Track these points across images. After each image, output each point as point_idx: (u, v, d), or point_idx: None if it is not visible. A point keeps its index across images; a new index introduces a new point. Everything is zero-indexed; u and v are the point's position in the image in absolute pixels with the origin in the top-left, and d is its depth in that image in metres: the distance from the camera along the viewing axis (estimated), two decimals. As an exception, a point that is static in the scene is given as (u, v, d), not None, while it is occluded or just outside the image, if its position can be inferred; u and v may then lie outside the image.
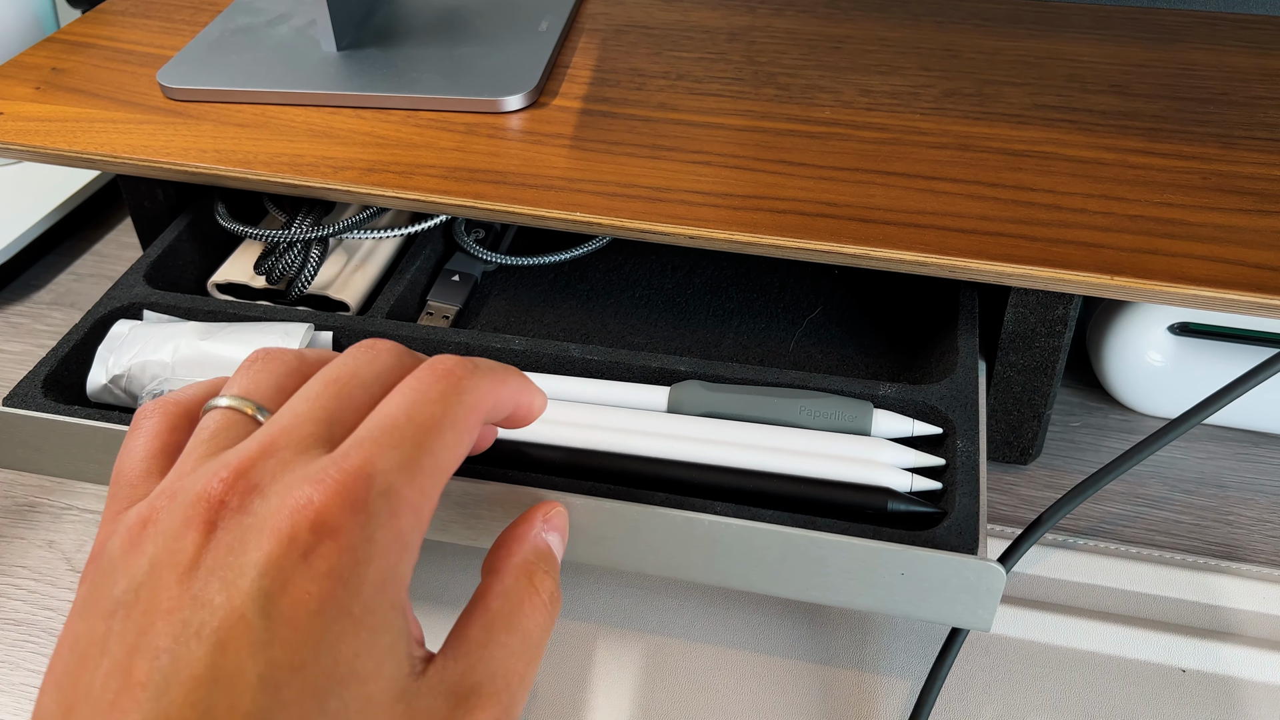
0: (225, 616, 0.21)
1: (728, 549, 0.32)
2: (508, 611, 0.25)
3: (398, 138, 0.43)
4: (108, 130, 0.44)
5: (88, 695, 0.21)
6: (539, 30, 0.50)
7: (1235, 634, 0.37)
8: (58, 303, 0.54)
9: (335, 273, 0.45)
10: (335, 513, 0.22)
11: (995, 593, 0.31)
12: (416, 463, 0.23)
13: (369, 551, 0.22)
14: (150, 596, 0.22)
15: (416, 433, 0.24)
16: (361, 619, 0.22)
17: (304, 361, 0.27)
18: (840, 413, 0.35)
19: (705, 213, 0.39)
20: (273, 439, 0.24)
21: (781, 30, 0.52)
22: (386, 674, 0.22)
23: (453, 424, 0.25)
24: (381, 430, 0.24)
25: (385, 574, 0.22)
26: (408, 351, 0.27)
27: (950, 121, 0.44)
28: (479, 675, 0.24)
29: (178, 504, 0.23)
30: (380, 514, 0.22)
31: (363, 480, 0.22)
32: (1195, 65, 0.48)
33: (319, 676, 0.21)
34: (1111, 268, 0.36)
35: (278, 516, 0.22)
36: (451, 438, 0.25)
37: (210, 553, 0.22)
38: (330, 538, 0.22)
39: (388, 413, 0.24)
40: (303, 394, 0.25)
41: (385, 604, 0.22)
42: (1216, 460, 0.44)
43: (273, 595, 0.21)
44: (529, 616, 0.25)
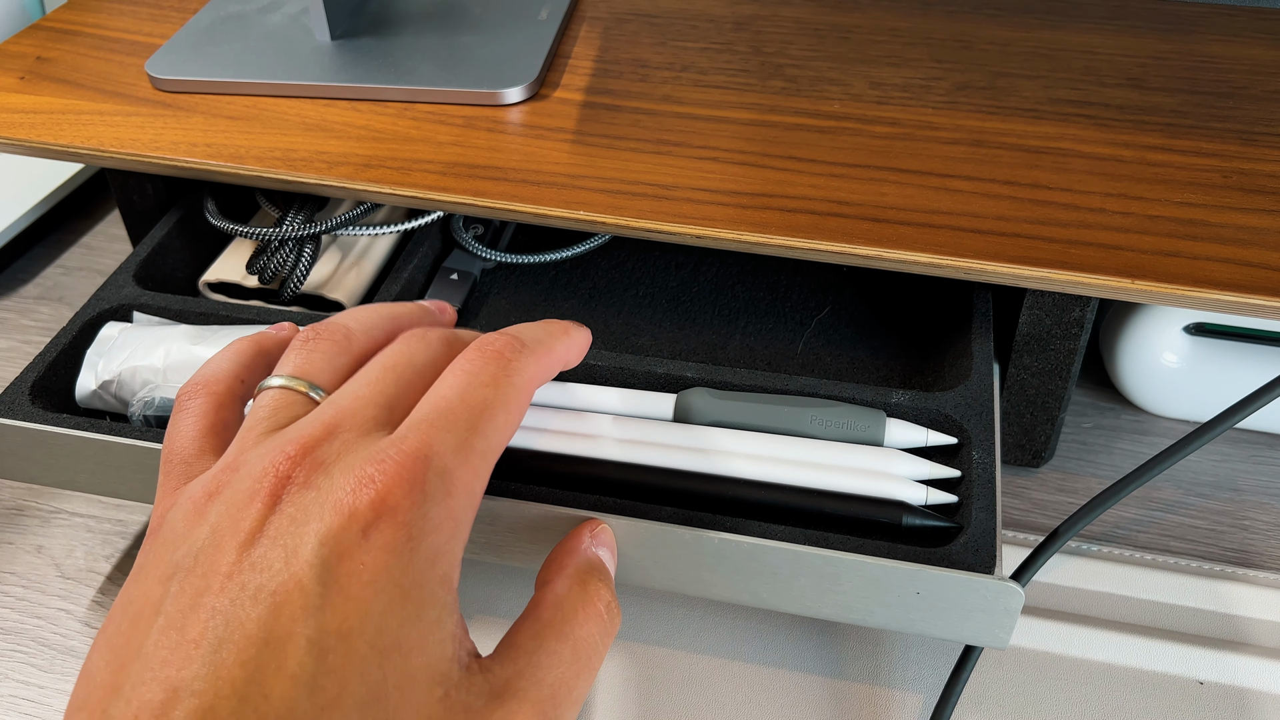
0: (284, 581, 0.22)
1: (738, 566, 0.31)
2: (560, 620, 0.25)
3: (394, 131, 0.42)
4: (94, 123, 0.43)
5: (139, 653, 0.22)
6: (539, 19, 0.49)
7: (1253, 644, 0.37)
8: (45, 297, 0.53)
9: (330, 271, 0.43)
10: (395, 491, 0.23)
11: (1013, 612, 0.30)
12: (470, 445, 0.25)
13: (424, 528, 0.23)
14: (210, 561, 0.22)
15: (470, 415, 0.25)
16: (410, 591, 0.22)
17: (351, 339, 0.28)
18: (853, 422, 0.34)
19: (713, 211, 0.38)
20: (337, 420, 0.25)
21: (788, 19, 0.50)
22: (430, 650, 0.22)
23: (504, 406, 0.26)
24: (437, 413, 0.25)
25: (437, 550, 0.23)
26: (456, 335, 0.29)
27: (963, 116, 0.43)
28: (525, 681, 0.24)
29: (242, 476, 0.24)
30: (436, 493, 0.23)
31: (421, 461, 0.23)
32: (1214, 57, 0.47)
33: (364, 645, 0.21)
34: (1132, 271, 0.35)
35: (341, 492, 0.23)
36: (503, 419, 0.26)
37: (273, 523, 0.23)
38: (389, 515, 0.23)
39: (443, 394, 0.26)
40: (363, 378, 0.27)
41: (435, 579, 0.23)
42: (1231, 463, 0.43)
43: (330, 564, 0.22)
44: (582, 625, 0.25)
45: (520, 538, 0.32)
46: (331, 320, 0.29)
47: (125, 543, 0.41)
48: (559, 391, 0.36)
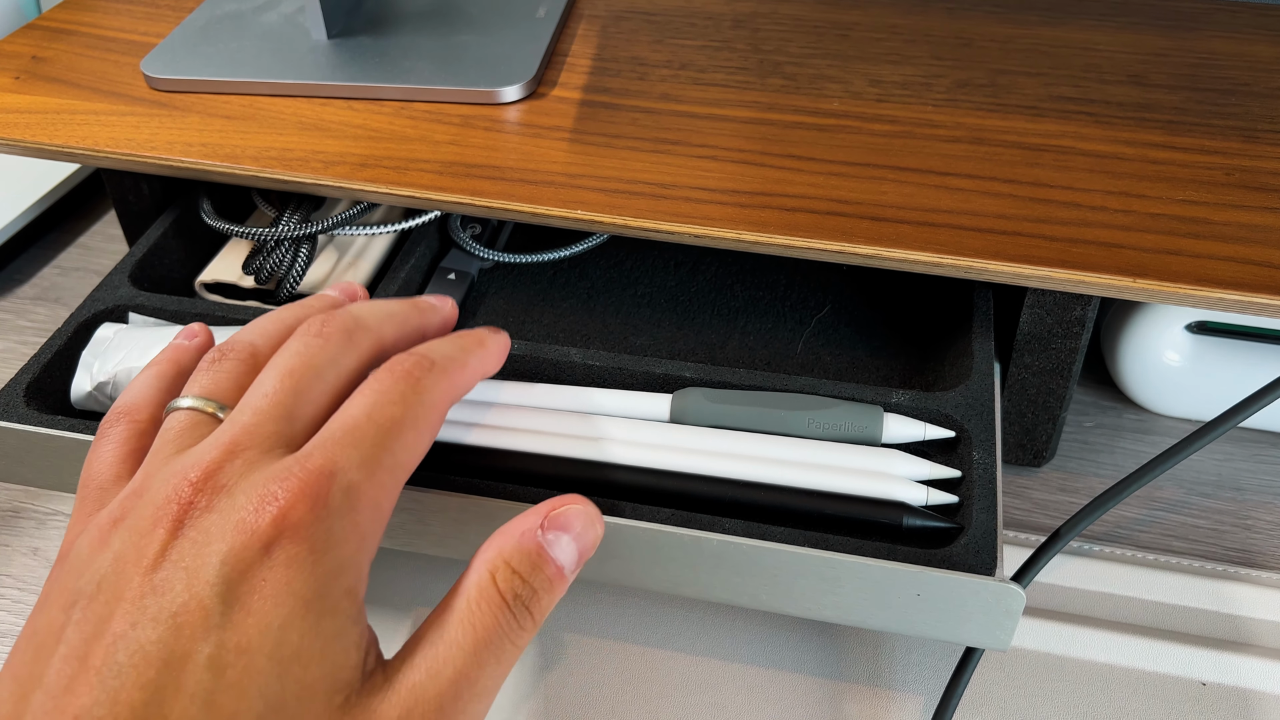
0: (185, 602, 0.22)
1: (736, 568, 0.31)
2: (464, 609, 0.25)
3: (391, 130, 0.42)
4: (90, 123, 0.43)
5: (42, 682, 0.22)
6: (536, 17, 0.49)
7: (1256, 645, 0.36)
8: (42, 298, 0.53)
9: (327, 271, 0.43)
10: (297, 508, 0.23)
11: (1014, 614, 0.29)
12: (377, 460, 0.25)
13: (327, 543, 0.23)
14: (112, 588, 0.23)
15: (377, 433, 0.25)
16: (312, 602, 0.23)
17: (257, 355, 0.28)
18: (849, 419, 0.34)
19: (712, 210, 0.37)
20: (235, 439, 0.25)
21: (787, 16, 0.50)
22: (331, 659, 0.23)
23: (414, 423, 0.26)
24: (344, 430, 0.25)
25: (342, 563, 0.24)
26: (358, 326, 0.28)
27: (963, 114, 0.42)
28: (422, 675, 0.24)
29: (146, 503, 0.24)
30: (340, 508, 0.24)
31: (325, 478, 0.24)
32: (1215, 54, 0.46)
33: (262, 659, 0.22)
34: (1134, 269, 0.34)
35: (243, 512, 0.23)
36: (412, 437, 0.26)
37: (176, 547, 0.23)
38: (291, 531, 0.23)
39: (350, 414, 0.26)
40: (259, 389, 0.26)
41: (339, 591, 0.23)
42: (1234, 463, 0.43)
43: (232, 582, 0.22)
44: (483, 613, 0.25)
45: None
46: (236, 337, 0.29)
47: (121, 545, 0.41)
48: (554, 393, 0.36)
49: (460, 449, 0.34)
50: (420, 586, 0.38)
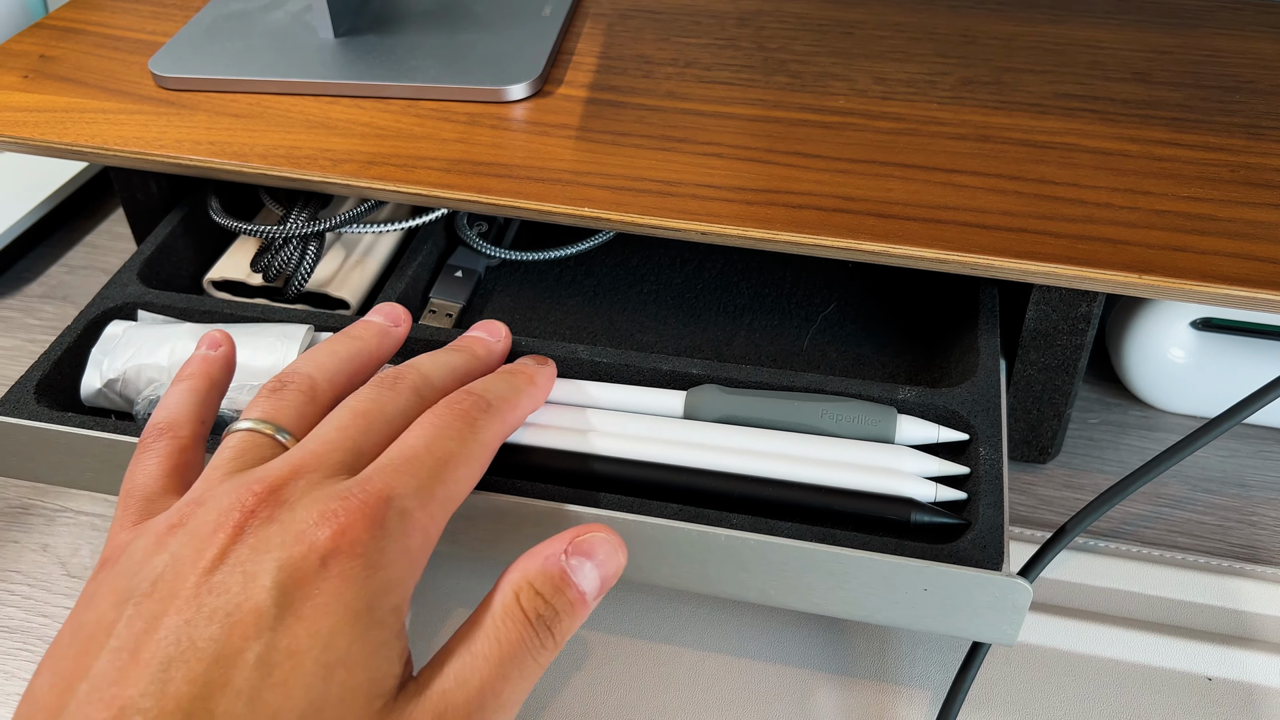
0: (240, 603, 0.23)
1: (745, 563, 0.31)
2: (490, 625, 0.26)
3: (398, 129, 0.42)
4: (98, 121, 0.43)
5: (89, 674, 0.22)
6: (542, 15, 0.49)
7: (1261, 640, 0.36)
8: (50, 296, 0.53)
9: (334, 269, 0.43)
10: (355, 526, 0.24)
11: (1021, 608, 0.30)
12: (431, 491, 0.26)
13: (380, 561, 0.24)
14: (169, 586, 0.23)
15: (434, 465, 0.27)
16: (361, 614, 0.24)
17: (316, 389, 0.30)
18: (864, 418, 0.34)
19: (718, 208, 0.37)
20: (303, 461, 0.26)
21: (791, 14, 0.50)
22: (374, 668, 0.24)
23: (467, 460, 0.28)
24: (404, 459, 0.27)
25: (391, 582, 0.25)
26: (427, 384, 0.30)
27: (969, 111, 0.43)
28: (450, 684, 0.25)
29: (208, 509, 0.25)
30: (395, 531, 0.25)
31: (383, 502, 0.25)
32: (1219, 51, 0.46)
33: (311, 663, 0.23)
34: (1140, 266, 0.35)
35: (303, 525, 0.24)
36: (465, 472, 0.28)
37: (235, 552, 0.24)
38: (348, 547, 0.24)
39: (409, 445, 0.27)
40: (333, 422, 0.28)
41: (387, 607, 0.24)
42: (1239, 459, 0.43)
43: (287, 589, 0.23)
44: (508, 630, 0.26)
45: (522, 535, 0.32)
46: (295, 368, 0.30)
47: (131, 541, 0.41)
48: (570, 388, 0.36)
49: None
50: (454, 586, 0.38)
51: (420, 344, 0.38)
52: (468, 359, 0.33)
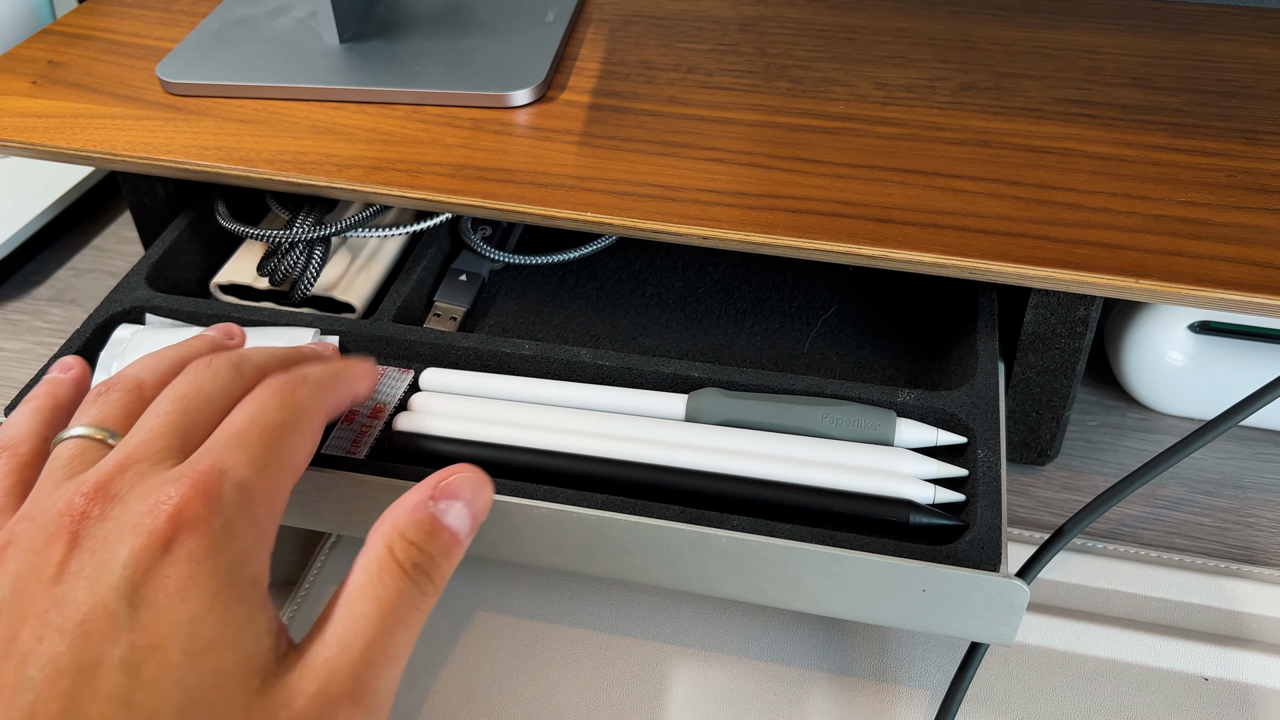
0: (90, 610, 0.22)
1: (745, 564, 0.31)
2: (365, 583, 0.25)
3: (403, 134, 0.42)
4: (106, 127, 0.43)
5: None
6: (546, 21, 0.49)
7: (1257, 641, 0.37)
8: (57, 299, 0.53)
9: (340, 273, 0.44)
10: (193, 505, 0.24)
11: (1019, 609, 0.30)
12: (265, 459, 0.26)
13: (226, 535, 0.24)
14: (15, 608, 0.23)
15: (261, 435, 0.27)
16: (218, 593, 0.23)
17: (143, 387, 0.29)
18: (864, 421, 0.35)
19: (719, 212, 0.38)
20: (128, 455, 0.26)
21: (793, 20, 0.51)
22: (243, 647, 0.23)
23: (294, 427, 0.28)
24: (231, 434, 0.27)
25: (242, 554, 0.25)
26: (244, 361, 0.30)
27: (968, 116, 0.43)
28: (334, 649, 0.24)
29: (39, 524, 0.25)
30: (235, 502, 0.25)
31: (216, 476, 0.25)
32: (1218, 57, 0.47)
33: (177, 653, 0.22)
34: (1136, 270, 0.35)
35: (139, 515, 0.24)
36: (295, 439, 0.28)
37: (74, 559, 0.23)
38: (189, 527, 0.24)
39: (233, 422, 0.27)
40: (152, 412, 0.28)
41: (244, 581, 0.24)
42: (1237, 461, 0.43)
43: (135, 584, 0.23)
44: (385, 584, 0.25)
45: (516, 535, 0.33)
46: (122, 372, 0.30)
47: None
48: (573, 391, 0.36)
49: (487, 445, 0.35)
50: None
51: (425, 347, 0.39)
52: (290, 350, 0.33)
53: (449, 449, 0.35)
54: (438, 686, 0.36)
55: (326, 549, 0.40)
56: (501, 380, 0.37)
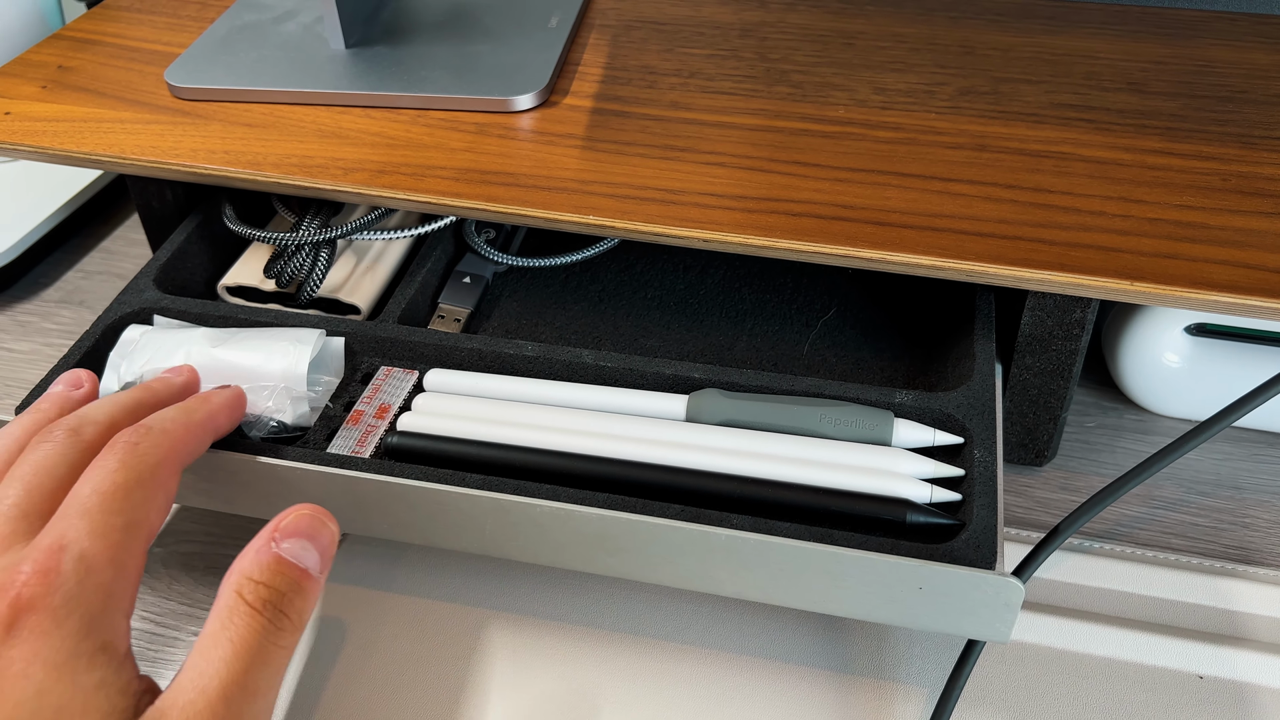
0: None
1: (745, 562, 0.32)
2: (216, 629, 0.26)
3: (408, 138, 0.43)
4: (115, 130, 0.44)
5: None
6: (549, 27, 0.50)
7: (1252, 639, 0.37)
8: (66, 301, 0.54)
9: (345, 275, 0.44)
10: (30, 585, 0.25)
11: (1014, 607, 0.30)
12: (107, 523, 0.27)
13: (68, 608, 0.25)
14: None
15: (101, 500, 0.27)
16: (64, 665, 0.24)
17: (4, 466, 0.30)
18: (862, 422, 0.35)
19: (720, 216, 0.38)
20: None
21: (794, 26, 0.51)
22: (95, 709, 0.24)
23: (139, 483, 0.28)
24: (73, 507, 0.27)
25: (88, 622, 0.25)
26: (84, 423, 0.31)
27: (966, 121, 0.43)
28: (193, 694, 0.25)
29: None
30: (75, 574, 0.26)
31: (54, 554, 0.26)
32: (1213, 62, 0.47)
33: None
34: (1131, 273, 0.35)
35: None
36: (140, 495, 0.28)
37: None
38: (28, 607, 0.25)
39: (77, 492, 0.28)
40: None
41: (90, 649, 0.25)
42: (1233, 462, 0.44)
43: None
44: (238, 625, 0.26)
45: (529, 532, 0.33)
46: None
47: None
48: (573, 392, 0.37)
49: (491, 445, 0.36)
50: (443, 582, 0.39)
51: (429, 348, 0.39)
52: (136, 392, 0.34)
53: (453, 449, 0.36)
54: (440, 684, 0.36)
55: (332, 547, 0.40)
56: (504, 381, 0.38)
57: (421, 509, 0.34)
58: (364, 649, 0.37)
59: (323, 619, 0.38)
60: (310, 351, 0.37)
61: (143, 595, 0.40)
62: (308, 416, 0.37)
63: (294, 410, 0.37)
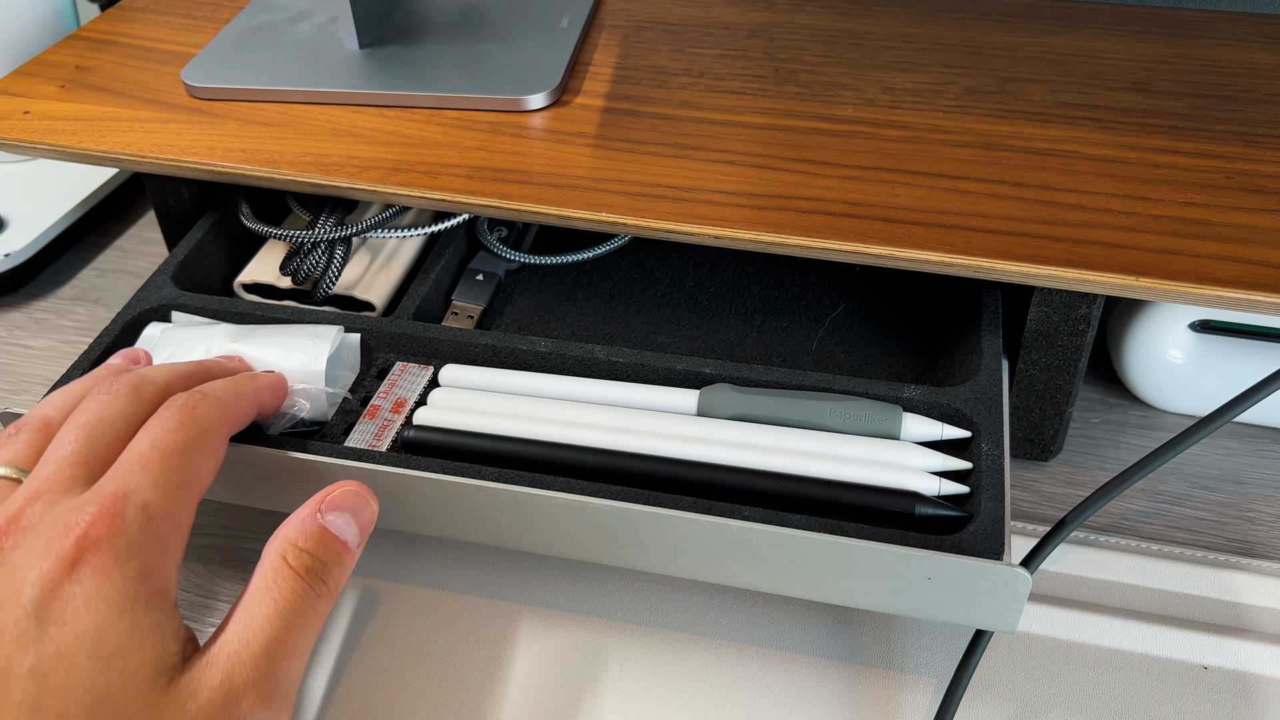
0: (3, 628, 0.24)
1: (756, 553, 0.32)
2: (260, 589, 0.28)
3: (422, 137, 0.44)
4: (134, 129, 0.45)
5: None
6: (560, 27, 0.50)
7: (1256, 631, 0.38)
8: (81, 298, 0.54)
9: (360, 272, 0.45)
10: (97, 528, 0.26)
11: (1021, 597, 0.31)
12: (166, 479, 0.28)
13: (130, 552, 0.26)
14: None
15: (162, 457, 0.29)
16: (124, 604, 0.25)
17: (50, 424, 0.31)
18: (871, 416, 0.36)
19: (730, 213, 0.39)
20: (36, 488, 0.28)
21: (802, 26, 0.52)
22: (150, 650, 0.26)
23: (195, 444, 0.30)
24: (134, 459, 0.29)
25: (147, 568, 0.27)
26: (145, 381, 0.32)
27: (973, 120, 0.44)
28: (236, 646, 0.27)
29: None
30: (138, 521, 0.27)
31: (119, 500, 0.27)
32: (1218, 61, 0.48)
33: (85, 660, 0.24)
34: (1136, 269, 0.36)
35: (47, 541, 0.26)
36: (197, 456, 0.30)
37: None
38: (94, 547, 0.26)
39: (136, 447, 0.29)
40: (57, 443, 0.30)
41: (149, 593, 0.26)
42: (1237, 457, 0.44)
43: (44, 601, 0.25)
44: (279, 587, 0.28)
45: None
46: (30, 413, 0.32)
47: (164, 534, 0.43)
48: (586, 387, 0.37)
49: (505, 439, 0.36)
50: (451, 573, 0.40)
51: (443, 344, 0.40)
52: (192, 365, 0.35)
53: (468, 442, 0.36)
54: (454, 674, 0.37)
55: (348, 540, 0.41)
56: (518, 376, 0.39)
57: (437, 501, 0.34)
58: (379, 640, 0.38)
59: (338, 611, 0.39)
60: (329, 347, 0.38)
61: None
62: (325, 411, 0.37)
63: (312, 405, 0.37)
